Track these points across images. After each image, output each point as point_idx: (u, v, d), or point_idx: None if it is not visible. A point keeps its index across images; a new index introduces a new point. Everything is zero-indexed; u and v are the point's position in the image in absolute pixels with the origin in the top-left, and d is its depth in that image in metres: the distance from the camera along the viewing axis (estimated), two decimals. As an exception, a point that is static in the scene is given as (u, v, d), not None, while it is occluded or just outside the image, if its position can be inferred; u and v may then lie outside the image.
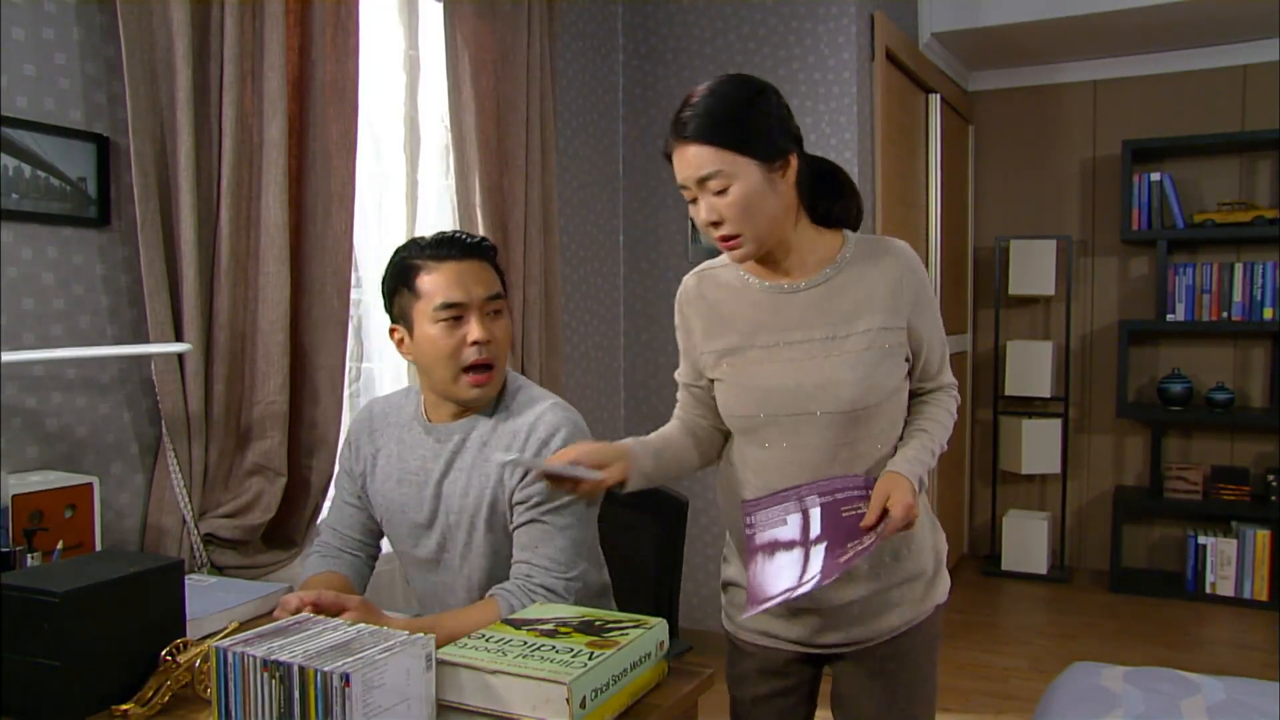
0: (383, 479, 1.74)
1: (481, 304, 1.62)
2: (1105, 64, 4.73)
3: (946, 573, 1.66)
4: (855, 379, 1.48)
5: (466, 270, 1.62)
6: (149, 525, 2.04)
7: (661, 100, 3.73)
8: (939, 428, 1.56)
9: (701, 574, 3.74)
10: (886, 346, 1.50)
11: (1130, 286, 4.81)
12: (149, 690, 1.29)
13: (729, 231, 1.46)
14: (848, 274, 1.53)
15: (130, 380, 2.04)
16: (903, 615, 1.58)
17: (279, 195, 2.14)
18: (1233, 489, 4.44)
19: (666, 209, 3.74)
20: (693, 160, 1.43)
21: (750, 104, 1.45)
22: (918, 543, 1.59)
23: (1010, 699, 3.32)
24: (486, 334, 1.60)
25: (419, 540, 1.72)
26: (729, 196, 1.43)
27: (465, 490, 1.65)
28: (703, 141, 1.42)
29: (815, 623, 1.59)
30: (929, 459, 1.51)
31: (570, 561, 1.60)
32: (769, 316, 1.54)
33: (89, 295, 1.96)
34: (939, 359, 1.60)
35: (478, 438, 1.66)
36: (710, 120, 1.42)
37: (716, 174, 1.42)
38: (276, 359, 2.17)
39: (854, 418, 1.49)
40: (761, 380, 1.52)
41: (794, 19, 3.50)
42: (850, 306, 1.51)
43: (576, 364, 3.55)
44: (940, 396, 1.61)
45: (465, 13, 2.77)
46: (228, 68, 2.05)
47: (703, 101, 1.44)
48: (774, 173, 1.45)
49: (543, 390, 1.73)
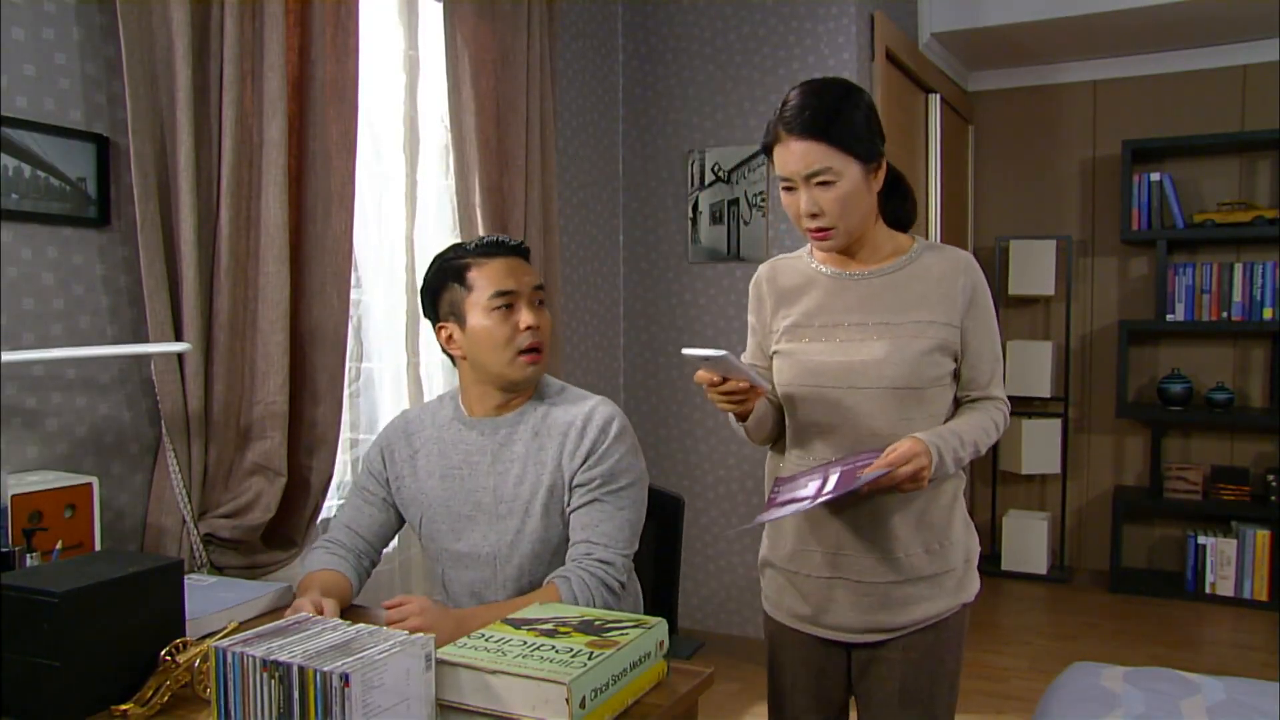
0: (425, 477, 1.80)
1: (530, 293, 1.74)
2: (1105, 64, 4.73)
3: (976, 574, 1.72)
4: (900, 359, 1.58)
5: (514, 264, 1.75)
6: (148, 525, 2.04)
7: (661, 100, 3.73)
8: (975, 426, 1.61)
9: (700, 574, 3.74)
10: (935, 339, 1.59)
11: (1130, 286, 4.81)
12: (148, 690, 1.29)
13: (826, 224, 1.57)
14: (912, 269, 1.64)
15: (130, 380, 2.04)
16: (931, 609, 1.65)
17: (279, 195, 2.14)
18: (1232, 489, 4.44)
19: (666, 209, 3.74)
20: (802, 156, 1.53)
21: (856, 107, 1.56)
22: (951, 540, 1.66)
23: (1010, 699, 3.32)
24: (537, 319, 1.72)
25: (462, 534, 1.77)
26: (832, 192, 1.54)
27: (520, 478, 1.73)
28: (814, 138, 1.52)
29: (849, 609, 1.66)
30: (956, 443, 1.55)
31: (629, 540, 1.70)
32: (832, 299, 1.66)
33: (89, 295, 1.96)
34: (989, 370, 1.66)
35: (528, 428, 1.75)
36: (822, 117, 1.52)
37: (825, 170, 1.53)
38: (276, 359, 2.17)
39: (900, 397, 1.58)
40: (815, 354, 1.64)
41: (794, 19, 3.50)
42: (909, 298, 1.62)
43: (576, 364, 3.55)
44: (986, 405, 1.66)
45: (465, 13, 2.77)
46: (227, 68, 2.05)
47: (813, 100, 1.54)
48: (870, 174, 1.58)
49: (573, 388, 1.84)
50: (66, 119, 1.91)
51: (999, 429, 1.65)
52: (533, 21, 2.97)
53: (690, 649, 1.99)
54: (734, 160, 3.58)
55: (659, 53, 3.73)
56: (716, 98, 3.63)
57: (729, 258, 3.62)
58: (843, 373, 1.61)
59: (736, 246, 3.60)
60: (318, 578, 1.71)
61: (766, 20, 3.54)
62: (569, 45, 3.48)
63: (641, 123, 3.78)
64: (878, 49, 3.54)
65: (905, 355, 1.58)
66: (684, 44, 3.68)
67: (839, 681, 1.75)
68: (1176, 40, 4.43)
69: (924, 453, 1.48)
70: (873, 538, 1.62)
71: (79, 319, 1.94)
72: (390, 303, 2.71)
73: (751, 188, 3.55)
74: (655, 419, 3.80)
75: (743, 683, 3.38)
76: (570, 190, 3.50)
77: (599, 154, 3.68)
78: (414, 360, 2.77)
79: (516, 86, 2.90)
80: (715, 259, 3.64)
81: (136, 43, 1.91)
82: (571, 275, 3.51)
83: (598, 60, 3.66)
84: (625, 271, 3.84)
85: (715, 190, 3.63)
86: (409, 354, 2.76)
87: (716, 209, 3.63)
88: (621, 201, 3.83)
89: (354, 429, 2.61)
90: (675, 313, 3.75)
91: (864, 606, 1.64)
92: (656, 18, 3.73)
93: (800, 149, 1.53)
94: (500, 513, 1.73)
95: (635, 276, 3.82)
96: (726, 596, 3.70)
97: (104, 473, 1.98)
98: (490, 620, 1.52)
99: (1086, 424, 4.93)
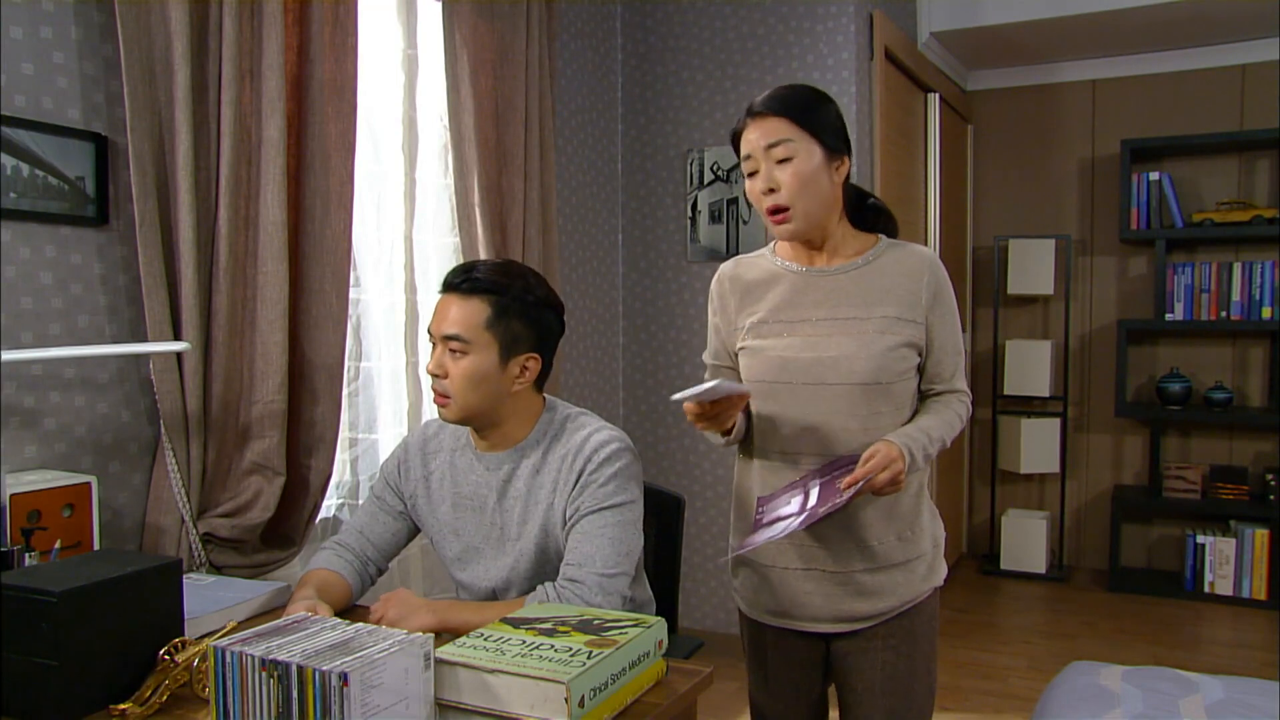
0: (437, 501, 1.78)
1: (441, 341, 1.67)
2: (1104, 63, 4.73)
3: (943, 559, 1.77)
4: (868, 355, 1.60)
5: (447, 304, 1.68)
6: (147, 524, 2.04)
7: (660, 100, 3.73)
8: (941, 422, 1.65)
9: (700, 573, 3.74)
10: (901, 335, 1.62)
11: (1129, 286, 4.81)
12: (147, 689, 1.29)
13: (782, 202, 1.59)
14: (876, 266, 1.66)
15: (128, 379, 2.04)
16: (903, 595, 1.68)
17: (277, 194, 2.14)
18: (1231, 488, 4.44)
19: (665, 209, 3.74)
20: (766, 128, 1.59)
21: (822, 101, 1.63)
22: (919, 528, 1.70)
23: (1009, 698, 3.32)
24: (438, 367, 1.65)
25: (468, 564, 1.76)
26: (790, 168, 1.58)
27: (523, 517, 1.70)
28: (778, 114, 1.59)
29: (824, 600, 1.68)
30: (925, 441, 1.58)
31: (609, 560, 1.61)
32: (797, 295, 1.68)
33: (87, 294, 1.96)
34: (952, 364, 1.69)
35: (530, 465, 1.71)
36: (788, 100, 1.60)
37: (784, 141, 1.57)
38: (275, 358, 2.17)
39: (867, 392, 1.61)
40: (782, 350, 1.65)
41: (793, 19, 3.50)
42: (873, 294, 1.64)
43: (575, 364, 3.55)
44: (948, 398, 1.69)
45: (464, 12, 2.77)
46: (226, 67, 2.05)
47: (780, 89, 1.63)
48: (831, 164, 1.61)
49: (588, 414, 1.76)
50: (65, 118, 1.91)
51: (963, 420, 1.69)
52: (532, 21, 2.97)
53: (690, 649, 1.99)
54: (733, 159, 3.58)
55: (658, 52, 3.73)
56: (715, 97, 3.63)
57: (728, 257, 3.61)
58: (811, 368, 1.62)
59: (735, 245, 3.60)
60: (315, 577, 1.70)
61: (765, 19, 3.54)
62: (568, 44, 3.48)
63: (640, 122, 3.78)
64: (877, 48, 3.54)
65: (873, 351, 1.60)
66: (683, 43, 3.68)
67: (817, 674, 1.78)
68: (1175, 40, 4.43)
69: (899, 456, 1.51)
70: (845, 528, 1.65)
71: (77, 318, 1.94)
72: (389, 302, 2.71)
73: (750, 187, 3.55)
74: (654, 418, 3.80)
75: (742, 682, 3.36)
76: (569, 189, 3.50)
77: (598, 153, 3.68)
78: (413, 360, 2.77)
79: (515, 86, 2.90)
80: (714, 258, 3.64)
81: (135, 42, 1.91)
82: (570, 274, 3.51)
83: (597, 59, 3.66)
84: (624, 270, 3.84)
85: (714, 189, 3.63)
86: (408, 353, 2.76)
87: (715, 208, 3.63)
88: (620, 200, 3.83)
89: (353, 428, 2.61)
90: (674, 311, 3.75)
91: (838, 596, 1.67)
92: (655, 17, 3.72)
93: (762, 124, 1.59)
94: (505, 549, 1.72)
95: (634, 275, 3.82)
96: (726, 596, 3.70)
97: (102, 472, 1.98)
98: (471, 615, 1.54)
99: (1085, 423, 4.93)
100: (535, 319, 1.67)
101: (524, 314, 1.65)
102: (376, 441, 2.68)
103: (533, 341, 1.67)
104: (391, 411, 2.73)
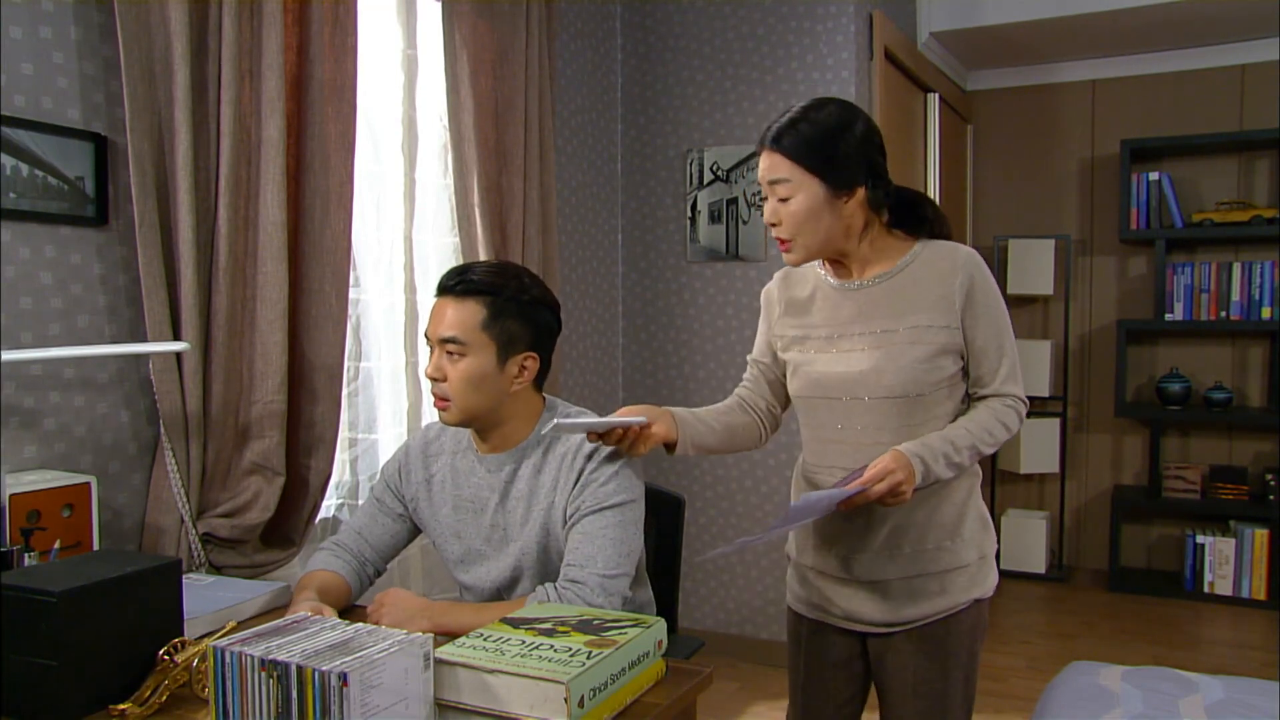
0: (439, 504, 1.78)
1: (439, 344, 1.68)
2: (1104, 63, 4.73)
3: (993, 570, 1.74)
4: (896, 368, 1.60)
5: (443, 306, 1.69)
6: (147, 524, 2.04)
7: (660, 100, 3.73)
8: (975, 426, 1.60)
9: (700, 573, 3.74)
10: (933, 343, 1.60)
11: (1129, 286, 4.81)
12: (147, 689, 1.29)
13: (783, 235, 1.62)
14: (909, 274, 1.65)
15: (128, 379, 2.04)
16: (943, 603, 1.67)
17: (277, 194, 2.14)
18: (1231, 488, 4.44)
19: (665, 209, 3.74)
20: (769, 163, 1.60)
21: (837, 136, 1.58)
22: (964, 537, 1.68)
23: (1009, 698, 3.32)
24: (436, 370, 1.66)
25: (470, 567, 1.76)
26: (790, 205, 1.59)
27: (525, 519, 1.70)
28: (780, 153, 1.59)
29: (857, 604, 1.70)
30: (949, 450, 1.56)
31: (610, 560, 1.61)
32: (832, 310, 1.70)
33: (87, 294, 1.96)
34: (996, 366, 1.64)
35: (531, 465, 1.71)
36: (794, 137, 1.58)
37: (784, 181, 1.59)
38: (275, 358, 2.17)
39: (902, 405, 1.61)
40: (819, 365, 1.68)
41: (793, 18, 3.50)
42: (904, 303, 1.63)
43: (575, 364, 3.55)
44: (993, 402, 1.64)
45: (464, 12, 2.77)
46: (226, 67, 2.05)
47: (796, 117, 1.59)
48: (838, 197, 1.59)
49: (588, 413, 1.76)
50: (65, 118, 1.91)
51: (1007, 426, 1.63)
52: (531, 21, 2.97)
53: (690, 649, 1.99)
54: (733, 159, 3.58)
55: (657, 51, 3.73)
56: (715, 97, 3.63)
57: (727, 257, 3.62)
58: (844, 383, 1.64)
59: (735, 246, 3.60)
60: (315, 579, 1.70)
61: (765, 19, 3.54)
62: (567, 44, 3.48)
63: (640, 122, 3.78)
64: (876, 48, 3.54)
65: (903, 363, 1.60)
66: (682, 43, 3.68)
67: (857, 670, 1.79)
68: (1175, 40, 4.43)
69: (901, 467, 1.50)
70: (883, 536, 1.66)
71: (77, 318, 1.94)
72: (389, 302, 2.71)
73: (750, 187, 3.55)
74: (654, 418, 3.80)
75: (742, 682, 3.38)
76: (569, 189, 3.50)
77: (597, 153, 3.67)
78: (412, 360, 2.77)
79: (515, 86, 2.90)
80: (714, 258, 3.64)
81: (135, 42, 1.91)
82: (570, 274, 3.51)
83: (596, 59, 3.66)
84: (624, 270, 3.84)
85: (714, 189, 3.63)
86: (407, 353, 2.76)
87: (715, 208, 3.63)
88: (620, 200, 3.83)
89: (352, 428, 2.61)
90: (674, 312, 3.75)
91: (875, 600, 1.69)
92: (655, 17, 3.72)
93: (768, 157, 1.61)
94: (508, 550, 1.72)
95: (634, 275, 3.82)
96: (726, 596, 3.70)
97: (102, 472, 1.98)
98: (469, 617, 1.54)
99: (1085, 423, 4.93)
100: (531, 318, 1.67)
101: (520, 313, 1.66)
102: (376, 442, 2.68)
103: (530, 340, 1.67)
104: (391, 412, 2.73)
